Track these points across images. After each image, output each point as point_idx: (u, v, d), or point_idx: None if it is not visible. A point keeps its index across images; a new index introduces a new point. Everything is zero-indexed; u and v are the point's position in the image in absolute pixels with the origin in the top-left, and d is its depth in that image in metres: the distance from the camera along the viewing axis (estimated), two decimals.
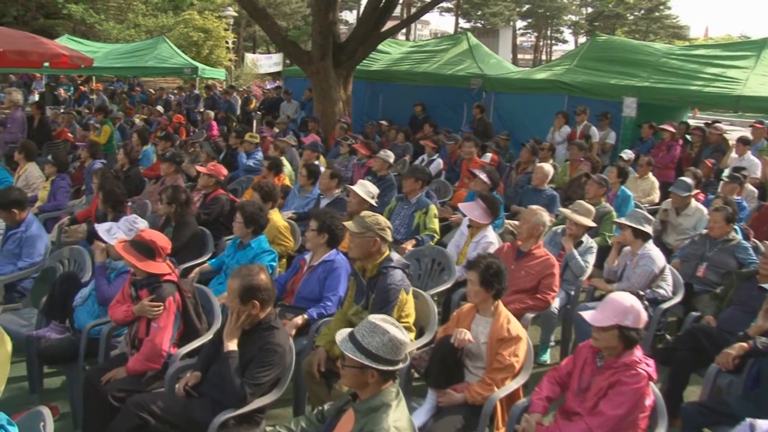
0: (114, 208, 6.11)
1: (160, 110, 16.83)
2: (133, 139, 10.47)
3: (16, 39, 10.84)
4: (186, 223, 5.87)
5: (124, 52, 21.08)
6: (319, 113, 13.94)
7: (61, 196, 7.71)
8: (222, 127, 15.95)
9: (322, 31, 13.51)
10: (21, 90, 25.15)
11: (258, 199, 6.00)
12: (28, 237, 5.53)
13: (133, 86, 24.72)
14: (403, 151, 11.88)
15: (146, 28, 27.54)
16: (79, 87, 23.63)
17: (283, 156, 9.24)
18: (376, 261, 4.18)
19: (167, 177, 7.79)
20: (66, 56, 11.03)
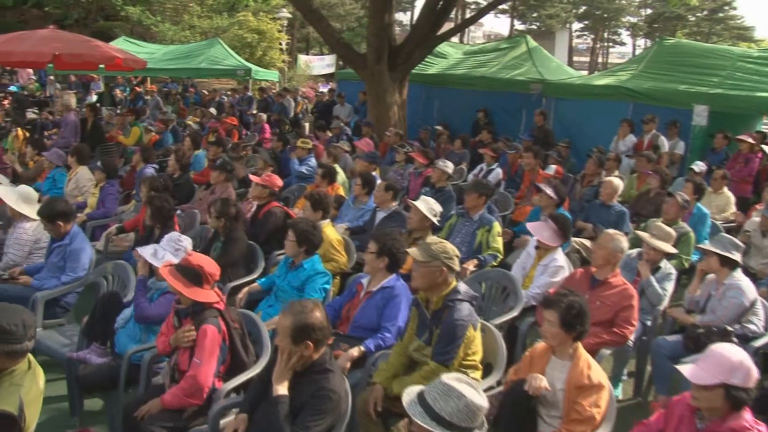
0: (162, 223, 5.86)
1: (212, 112, 16.71)
2: (185, 143, 10.27)
3: (72, 42, 10.88)
4: (235, 239, 5.55)
5: (178, 54, 21.12)
6: (373, 118, 13.60)
7: (110, 203, 7.51)
8: (274, 129, 15.75)
9: (378, 33, 13.16)
10: (79, 90, 25.78)
11: (309, 209, 5.66)
12: (73, 250, 5.30)
13: (187, 87, 24.80)
14: (460, 159, 11.45)
15: (201, 30, 27.61)
16: (134, 88, 23.79)
17: (336, 163, 8.89)
18: (441, 293, 3.78)
19: (217, 185, 7.52)
20: (120, 59, 11.00)
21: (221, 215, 5.54)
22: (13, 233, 5.68)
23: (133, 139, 11.64)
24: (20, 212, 5.65)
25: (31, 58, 10.78)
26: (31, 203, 5.77)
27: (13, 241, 5.63)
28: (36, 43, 10.61)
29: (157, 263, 4.16)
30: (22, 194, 5.77)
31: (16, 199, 5.69)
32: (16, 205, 5.65)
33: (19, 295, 5.10)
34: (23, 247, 5.63)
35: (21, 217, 5.70)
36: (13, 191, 5.82)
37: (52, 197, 5.83)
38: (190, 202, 8.18)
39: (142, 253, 4.27)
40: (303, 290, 4.77)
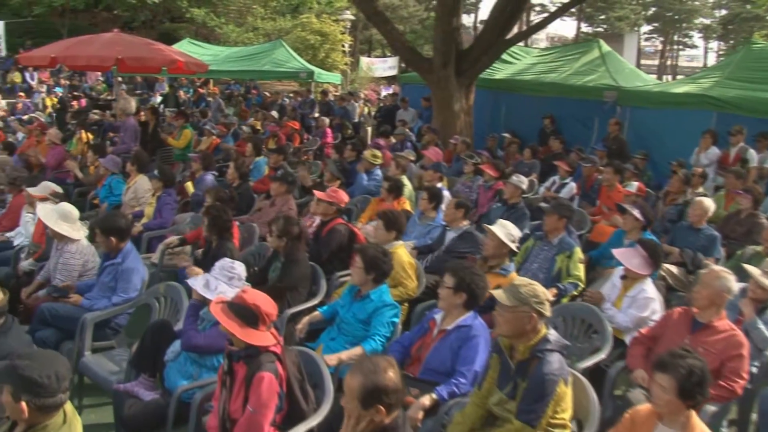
0: (219, 235, 5.54)
1: (274, 115, 16.51)
2: (246, 149, 10.01)
3: (135, 46, 10.81)
4: (296, 261, 5.16)
5: (242, 56, 21.04)
6: (438, 124, 13.15)
7: (167, 213, 7.24)
8: (336, 134, 15.45)
9: (445, 37, 12.72)
10: (144, 91, 26.05)
11: (382, 228, 5.25)
12: (124, 270, 5.01)
13: (249, 89, 24.77)
14: (529, 169, 10.89)
15: (264, 31, 27.61)
16: (197, 89, 23.89)
17: (403, 174, 8.45)
18: (529, 342, 3.30)
19: (278, 197, 7.18)
20: (182, 62, 10.87)
21: (283, 234, 5.16)
22: (60, 257, 5.41)
23: (183, 141, 11.39)
24: (61, 233, 5.39)
25: (95, 62, 10.76)
26: (71, 222, 5.48)
27: (60, 267, 5.36)
28: (100, 47, 10.56)
29: (210, 296, 3.81)
30: (62, 213, 5.48)
31: (55, 219, 5.41)
32: (55, 225, 5.36)
33: (69, 315, 4.85)
34: (71, 273, 5.35)
35: (63, 239, 5.43)
36: (54, 210, 5.55)
37: (112, 212, 5.53)
38: (249, 212, 7.88)
39: (194, 285, 3.92)
40: (369, 323, 4.36)
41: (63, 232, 5.39)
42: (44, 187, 6.47)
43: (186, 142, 11.40)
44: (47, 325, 4.85)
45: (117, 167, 8.60)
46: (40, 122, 12.61)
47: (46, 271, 5.64)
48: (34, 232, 6.26)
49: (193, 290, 4.05)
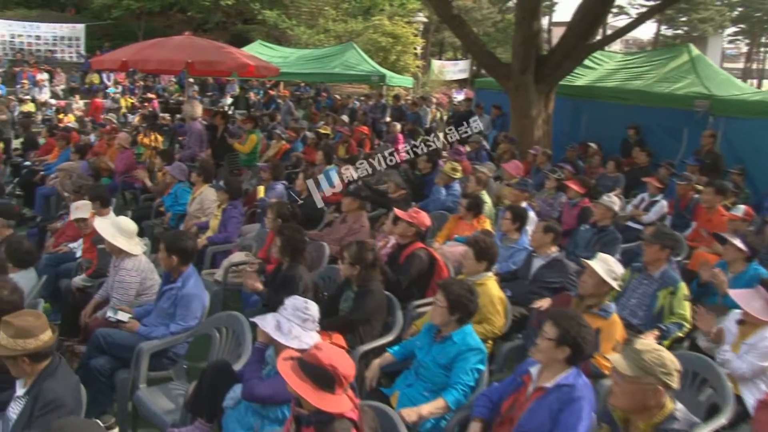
0: (292, 257, 5.13)
1: (344, 120, 16.16)
2: (316, 157, 9.63)
3: (205, 50, 10.61)
4: (370, 292, 4.69)
5: (312, 58, 20.85)
6: (515, 133, 12.54)
7: (232, 227, 6.89)
8: (408, 140, 14.98)
9: (525, 42, 12.12)
10: (215, 93, 26.18)
11: (472, 259, 4.74)
12: (184, 296, 4.64)
13: (320, 92, 24.57)
14: (613, 184, 10.20)
15: (336, 33, 27.39)
16: (268, 91, 23.82)
17: (483, 189, 7.89)
18: (652, 419, 2.74)
19: (350, 213, 6.73)
20: (252, 66, 10.62)
21: (356, 262, 4.70)
22: (116, 274, 5.11)
23: (249, 146, 11.05)
24: (119, 247, 5.08)
25: (165, 66, 10.62)
26: (130, 237, 5.18)
27: (116, 285, 5.05)
28: (171, 50, 10.40)
29: (284, 340, 3.40)
30: (120, 227, 5.18)
31: (113, 233, 5.10)
32: (113, 239, 5.06)
33: (125, 343, 4.52)
34: (128, 291, 5.05)
35: (121, 254, 5.12)
36: (111, 224, 5.25)
37: (181, 232, 5.17)
38: (318, 227, 7.48)
39: (264, 327, 3.50)
40: (450, 369, 3.86)
41: (121, 247, 5.09)
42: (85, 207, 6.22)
43: (251, 147, 11.06)
44: (102, 351, 4.53)
45: (183, 175, 8.34)
46: (111, 125, 12.56)
47: (104, 290, 5.36)
48: (83, 248, 6.00)
49: (259, 332, 3.64)
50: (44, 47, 27.04)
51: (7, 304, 3.75)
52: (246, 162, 11.15)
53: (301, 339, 3.44)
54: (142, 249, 5.28)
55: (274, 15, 28.35)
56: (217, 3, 28.86)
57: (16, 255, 4.93)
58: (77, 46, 27.68)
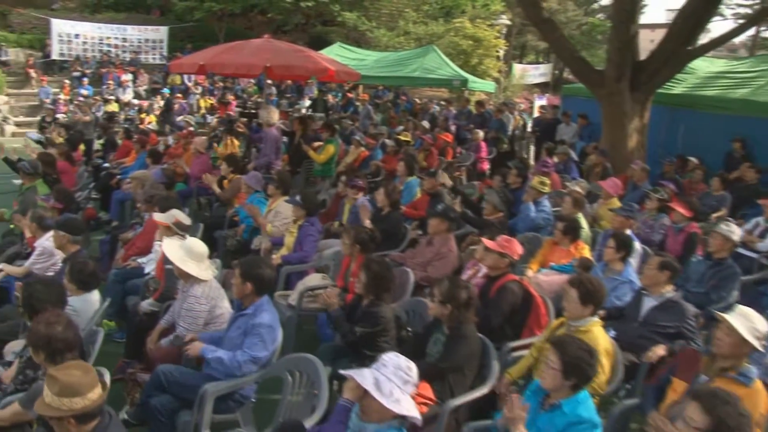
0: (377, 295, 4.61)
1: (425, 125, 15.60)
2: (398, 168, 9.10)
3: (284, 53, 10.28)
4: (463, 338, 4.10)
5: (392, 61, 20.37)
6: (607, 144, 11.73)
7: (309, 245, 6.41)
8: (491, 148, 14.33)
9: (621, 47, 11.31)
10: (293, 95, 26.05)
11: (576, 301, 4.12)
12: (256, 325, 4.17)
13: (399, 95, 24.09)
14: (718, 203, 9.33)
15: (416, 36, 26.86)
16: (346, 94, 23.51)
17: (580, 211, 7.19)
18: None
19: (437, 236, 6.16)
20: (333, 71, 10.22)
21: (447, 301, 4.13)
22: (184, 301, 4.71)
23: (325, 156, 10.60)
24: (187, 272, 4.68)
25: (243, 70, 10.37)
26: (199, 260, 4.77)
27: (184, 313, 4.66)
28: (249, 54, 10.09)
29: (385, 401, 2.89)
30: (190, 249, 4.78)
31: (182, 257, 4.71)
32: (181, 263, 4.68)
33: (188, 382, 4.10)
34: (196, 320, 4.65)
35: (189, 279, 4.72)
36: (180, 246, 4.85)
37: (259, 258, 4.69)
38: (400, 246, 6.94)
39: (365, 384, 2.95)
40: None
41: (190, 272, 4.69)
42: (169, 215, 5.80)
43: (327, 158, 10.63)
44: (163, 390, 4.12)
45: (259, 185, 7.96)
46: (188, 130, 12.39)
47: (170, 315, 4.98)
48: (156, 266, 5.63)
49: (348, 387, 3.13)
50: (130, 49, 27.57)
51: (60, 342, 3.37)
52: (321, 171, 10.73)
53: (401, 403, 2.94)
54: (213, 274, 4.87)
55: (353, 17, 28.04)
56: (297, 4, 28.73)
57: (80, 277, 4.59)
58: (160, 48, 28.11)
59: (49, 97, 23.77)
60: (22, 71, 25.73)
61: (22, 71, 25.77)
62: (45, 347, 3.36)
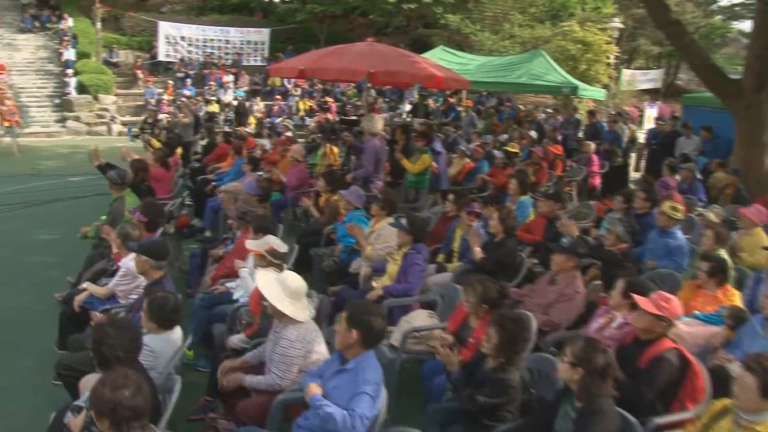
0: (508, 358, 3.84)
1: (532, 135, 14.67)
2: (509, 185, 8.28)
3: (389, 58, 9.63)
4: (599, 413, 3.25)
5: (497, 66, 19.42)
6: (741, 163, 10.54)
7: (415, 277, 5.68)
8: (603, 162, 13.26)
9: (761, 54, 10.11)
10: (393, 99, 25.52)
11: (753, 391, 3.20)
12: (361, 383, 3.49)
13: (503, 101, 23.13)
14: None
15: (521, 39, 25.76)
16: (447, 98, 22.74)
17: (722, 247, 6.17)
18: None
19: (561, 273, 5.34)
20: (441, 77, 9.50)
21: (581, 365, 3.34)
22: (277, 343, 4.11)
23: (419, 167, 9.79)
24: (282, 312, 4.08)
25: (346, 75, 9.80)
26: (297, 298, 4.17)
27: (277, 357, 4.06)
28: (352, 59, 9.50)
29: None
30: (287, 286, 4.17)
31: (279, 294, 4.11)
32: (277, 302, 4.08)
33: None
34: (290, 367, 4.05)
35: (284, 318, 4.12)
36: (277, 280, 4.24)
37: (370, 306, 3.91)
38: (515, 279, 6.14)
39: None
40: None
41: (285, 312, 4.09)
42: (263, 242, 5.16)
43: (422, 168, 9.83)
44: None
45: (360, 201, 7.33)
46: (287, 136, 11.95)
47: (260, 353, 4.40)
48: (251, 299, 5.05)
49: None
50: (232, 51, 27.83)
51: (127, 410, 2.79)
52: (415, 183, 9.95)
53: None
54: (311, 314, 4.26)
55: (457, 19, 27.21)
56: (399, 6, 28.20)
57: (160, 315, 4.06)
58: (262, 49, 28.25)
59: (154, 97, 24.19)
60: (131, 72, 26.36)
61: (130, 72, 26.40)
62: (109, 415, 2.81)
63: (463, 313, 4.86)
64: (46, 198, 12.58)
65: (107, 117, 23.74)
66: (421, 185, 9.94)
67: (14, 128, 18.00)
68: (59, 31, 26.33)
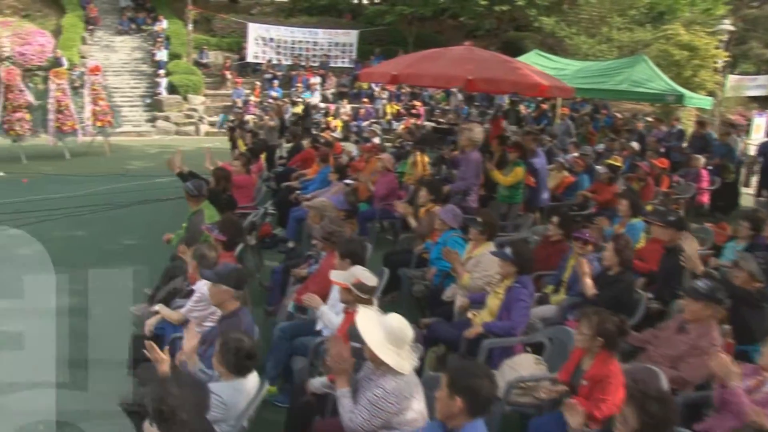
0: None
1: (634, 147, 13.63)
2: (620, 209, 7.45)
3: (489, 64, 8.93)
4: None
5: (595, 71, 18.36)
6: None
7: (519, 315, 4.97)
8: (713, 178, 12.16)
9: None
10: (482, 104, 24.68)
11: None
12: None
13: (598, 108, 21.96)
14: None
15: (619, 43, 24.37)
16: (540, 105, 21.76)
17: None
18: None
19: (695, 322, 4.51)
20: (545, 86, 8.71)
21: None
22: (369, 389, 3.54)
23: (512, 179, 8.99)
24: (381, 359, 3.49)
25: (442, 82, 9.20)
26: (401, 347, 3.58)
27: (366, 403, 3.51)
28: (449, 64, 8.83)
29: None
30: (390, 330, 3.58)
31: (380, 340, 3.53)
32: (380, 350, 3.50)
33: None
34: (376, 419, 3.48)
35: (382, 366, 3.53)
36: (380, 323, 3.64)
37: (477, 368, 3.23)
38: (632, 316, 5.34)
39: None
40: None
41: (387, 361, 3.51)
42: (349, 275, 4.53)
43: (515, 181, 9.03)
44: None
45: (457, 222, 6.68)
46: (374, 143, 11.41)
47: None
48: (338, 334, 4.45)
49: None
50: (320, 52, 27.70)
51: None
52: (507, 198, 9.18)
53: None
54: (414, 363, 3.65)
55: (551, 22, 26.07)
56: (490, 9, 27.31)
57: (235, 360, 3.54)
58: (350, 51, 28.03)
59: (241, 97, 24.25)
60: (220, 73, 26.56)
61: (219, 73, 26.61)
62: None
63: (577, 357, 4.18)
64: (132, 200, 12.52)
65: (195, 117, 23.98)
66: (513, 200, 9.19)
67: (106, 128, 18.24)
68: (153, 32, 26.84)
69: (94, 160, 17.45)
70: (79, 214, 11.35)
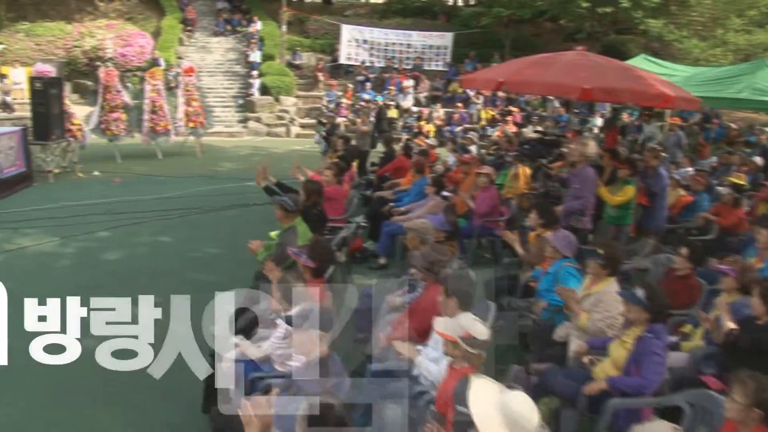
0: None
1: (757, 162, 12.39)
2: (762, 240, 6.46)
3: (606, 72, 8.03)
4: None
5: (709, 78, 16.96)
6: None
7: (651, 370, 4.00)
8: None
9: None
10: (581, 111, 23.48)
11: None
12: None
13: (710, 117, 20.46)
14: None
15: (735, 47, 22.62)
16: (644, 113, 20.42)
17: None
18: None
19: None
20: (671, 97, 7.76)
21: None
22: None
23: (621, 198, 8.06)
24: None
25: (555, 91, 8.36)
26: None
27: None
28: (562, 71, 7.94)
29: None
30: (512, 416, 2.87)
31: (494, 420, 2.85)
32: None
33: None
34: None
35: None
36: (497, 404, 2.96)
37: None
38: None
39: None
40: None
41: None
42: (457, 326, 3.76)
43: (624, 200, 8.11)
44: None
45: (570, 249, 5.90)
46: (473, 156, 10.71)
47: None
48: (438, 398, 3.79)
49: None
50: (413, 55, 27.20)
51: None
52: (615, 219, 8.26)
53: None
54: None
55: (659, 25, 24.52)
56: (593, 11, 25.95)
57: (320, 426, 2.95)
58: (444, 54, 27.41)
59: (333, 99, 24.00)
60: (312, 74, 26.42)
61: (311, 74, 26.47)
62: None
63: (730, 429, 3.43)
64: (219, 203, 12.31)
65: (287, 118, 23.88)
66: (623, 221, 8.30)
67: (198, 129, 18.26)
68: (248, 33, 26.95)
69: (185, 160, 17.51)
70: (167, 218, 11.19)
